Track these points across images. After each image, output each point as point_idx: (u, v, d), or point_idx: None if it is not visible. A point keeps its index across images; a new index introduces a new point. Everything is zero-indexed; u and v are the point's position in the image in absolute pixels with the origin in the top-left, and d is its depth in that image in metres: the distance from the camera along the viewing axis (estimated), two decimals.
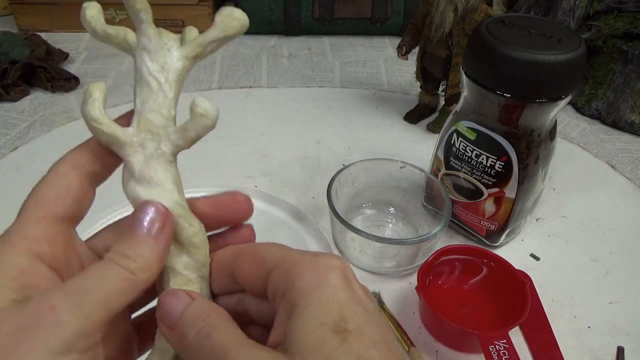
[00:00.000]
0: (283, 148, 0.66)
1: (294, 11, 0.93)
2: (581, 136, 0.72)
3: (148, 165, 0.23)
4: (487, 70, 0.44)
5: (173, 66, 0.24)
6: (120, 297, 0.20)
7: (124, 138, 0.23)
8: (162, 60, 0.23)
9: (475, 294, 0.47)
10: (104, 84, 0.23)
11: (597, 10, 0.74)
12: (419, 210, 0.54)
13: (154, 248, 0.21)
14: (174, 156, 0.24)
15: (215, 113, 0.23)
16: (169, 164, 0.23)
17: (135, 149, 0.23)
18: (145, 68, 0.23)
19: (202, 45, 0.24)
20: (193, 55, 0.24)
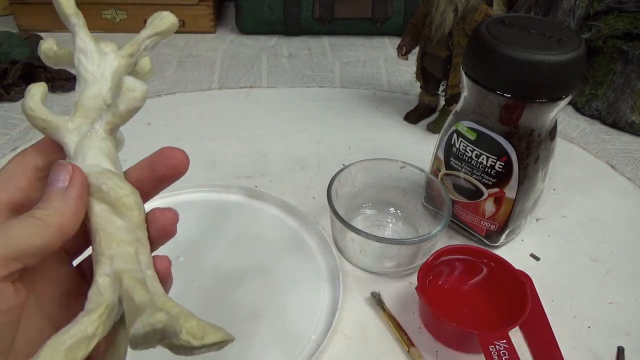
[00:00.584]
0: (283, 148, 0.66)
1: (294, 11, 0.93)
2: (581, 136, 0.72)
3: (81, 144, 0.24)
4: (487, 70, 0.44)
5: (109, 64, 0.26)
6: (28, 242, 0.21)
7: (58, 122, 0.25)
8: (98, 60, 0.26)
9: (475, 294, 0.47)
10: (44, 84, 0.26)
11: (597, 10, 0.74)
12: (419, 210, 0.54)
13: (64, 197, 0.23)
14: (107, 133, 0.25)
15: (142, 87, 0.24)
16: (103, 140, 0.25)
17: (71, 131, 0.25)
18: (82, 67, 0.26)
19: (136, 43, 0.26)
20: (128, 54, 0.26)
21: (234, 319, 0.45)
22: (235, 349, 0.42)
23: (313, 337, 0.43)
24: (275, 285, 0.48)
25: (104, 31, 0.93)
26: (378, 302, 0.46)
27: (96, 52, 0.26)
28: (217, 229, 0.53)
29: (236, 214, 0.55)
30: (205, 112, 0.73)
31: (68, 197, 0.23)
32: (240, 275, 0.48)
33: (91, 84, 0.25)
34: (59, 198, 0.23)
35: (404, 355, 0.43)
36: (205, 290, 0.47)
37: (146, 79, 0.29)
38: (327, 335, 0.42)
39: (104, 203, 0.24)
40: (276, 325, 0.44)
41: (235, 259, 0.50)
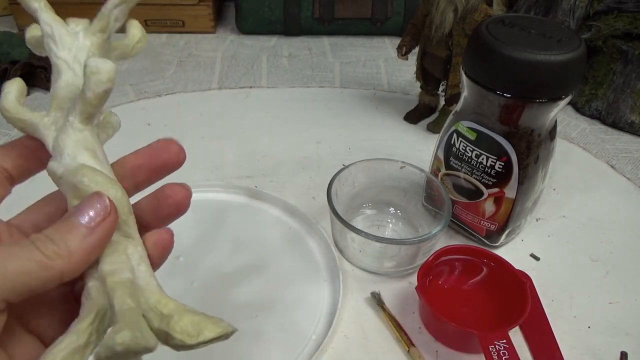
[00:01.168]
0: (283, 148, 0.66)
1: (294, 11, 0.93)
2: (581, 136, 0.72)
3: (58, 139, 0.23)
4: (487, 70, 0.44)
5: (81, 45, 0.24)
6: (23, 278, 0.19)
7: (34, 119, 0.23)
8: (69, 43, 0.23)
9: (475, 294, 0.47)
10: (20, 79, 0.24)
11: (597, 10, 0.74)
12: (419, 210, 0.54)
13: (84, 239, 0.20)
14: (83, 124, 0.23)
15: (106, 68, 0.21)
16: (80, 132, 0.23)
17: (49, 126, 0.23)
18: (53, 54, 0.23)
19: (104, 16, 0.24)
20: (98, 29, 0.24)
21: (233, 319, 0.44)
22: (235, 349, 0.42)
23: (313, 337, 0.43)
24: (275, 285, 0.48)
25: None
26: (378, 302, 0.46)
27: (66, 35, 0.23)
28: (217, 229, 0.53)
29: (236, 214, 0.55)
30: (205, 112, 0.73)
31: (87, 243, 0.20)
32: (240, 276, 0.48)
33: (64, 72, 0.23)
34: (79, 239, 0.20)
35: (404, 355, 0.43)
36: (205, 290, 0.47)
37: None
38: (327, 335, 0.42)
39: None
40: (276, 325, 0.44)
41: (235, 259, 0.50)
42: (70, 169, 0.22)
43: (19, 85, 0.24)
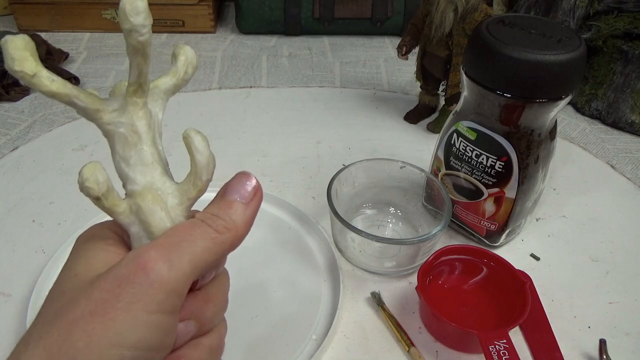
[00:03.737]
0: (283, 148, 0.66)
1: (294, 11, 0.93)
2: (581, 136, 0.72)
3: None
4: (487, 70, 0.44)
5: (154, 121, 0.24)
6: (206, 256, 0.21)
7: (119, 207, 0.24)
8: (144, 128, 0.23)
9: (475, 294, 0.47)
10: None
11: (597, 10, 0.74)
12: (419, 210, 0.54)
13: (243, 212, 0.23)
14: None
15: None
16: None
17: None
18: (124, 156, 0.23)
19: (167, 94, 0.25)
20: (162, 107, 0.25)
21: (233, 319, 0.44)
22: (235, 349, 0.42)
23: (313, 337, 0.43)
24: (275, 285, 0.48)
25: (103, 31, 0.93)
26: (378, 302, 0.46)
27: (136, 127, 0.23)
28: None
29: None
30: (205, 112, 0.73)
31: (247, 215, 0.23)
32: (240, 276, 0.48)
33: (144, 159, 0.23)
34: (241, 213, 0.23)
35: (404, 355, 0.43)
36: None
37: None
38: (327, 335, 0.42)
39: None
40: (276, 325, 0.44)
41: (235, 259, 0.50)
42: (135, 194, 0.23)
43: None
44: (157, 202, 0.22)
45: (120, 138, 0.22)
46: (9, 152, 0.64)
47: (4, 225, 0.53)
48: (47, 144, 0.65)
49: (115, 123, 0.22)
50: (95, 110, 0.22)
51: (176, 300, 0.20)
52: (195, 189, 0.23)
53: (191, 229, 0.22)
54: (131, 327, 0.19)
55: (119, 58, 0.86)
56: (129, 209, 0.22)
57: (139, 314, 0.19)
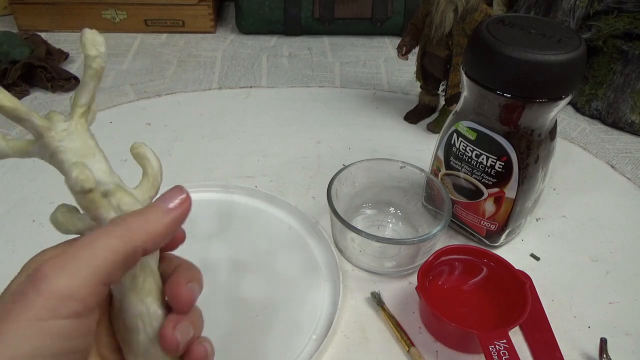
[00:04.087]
0: (283, 148, 0.66)
1: (294, 11, 0.93)
2: (581, 136, 0.72)
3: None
4: (487, 70, 0.44)
5: (73, 129, 0.24)
6: (112, 258, 0.21)
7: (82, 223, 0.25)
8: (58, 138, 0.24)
9: (475, 294, 0.47)
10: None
11: (597, 10, 0.74)
12: (419, 210, 0.54)
13: (163, 216, 0.23)
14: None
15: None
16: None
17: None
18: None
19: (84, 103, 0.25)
20: (80, 114, 0.25)
21: (234, 319, 0.45)
22: (236, 349, 0.42)
23: (313, 337, 0.43)
24: (275, 285, 0.48)
25: (104, 31, 0.93)
26: (378, 302, 0.46)
27: (50, 132, 0.24)
28: (217, 229, 0.53)
29: (236, 214, 0.55)
30: (205, 112, 0.73)
31: (166, 219, 0.23)
32: (240, 275, 0.48)
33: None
34: (159, 215, 0.23)
35: (404, 355, 0.43)
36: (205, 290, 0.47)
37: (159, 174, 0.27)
38: (327, 335, 0.42)
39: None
40: (276, 325, 0.44)
41: (235, 259, 0.50)
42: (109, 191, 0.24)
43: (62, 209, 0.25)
44: (133, 197, 0.24)
45: (75, 152, 0.23)
46: None
47: (4, 225, 0.53)
48: None
49: (65, 139, 0.24)
50: (47, 129, 0.23)
51: (76, 304, 0.20)
52: (154, 189, 0.26)
53: (96, 235, 0.21)
54: (22, 337, 0.19)
55: (119, 58, 0.86)
56: (109, 204, 0.23)
57: (30, 324, 0.19)
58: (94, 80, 0.24)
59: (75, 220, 0.25)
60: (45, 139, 0.23)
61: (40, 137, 0.23)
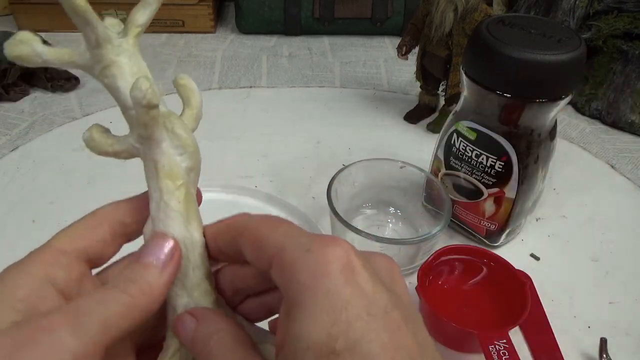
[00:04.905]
0: (283, 148, 0.66)
1: (294, 11, 0.93)
2: (581, 136, 0.72)
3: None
4: (487, 70, 0.44)
5: (127, 47, 0.24)
6: (119, 321, 0.20)
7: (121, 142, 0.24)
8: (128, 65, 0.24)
9: (475, 294, 0.47)
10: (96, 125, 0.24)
11: (597, 10, 0.74)
12: (419, 210, 0.54)
13: (159, 276, 0.22)
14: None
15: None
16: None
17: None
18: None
19: (139, 24, 0.24)
20: (135, 34, 0.24)
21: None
22: None
23: None
24: None
25: None
26: None
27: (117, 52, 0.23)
28: None
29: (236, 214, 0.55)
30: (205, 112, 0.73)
31: (164, 277, 0.22)
32: None
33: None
34: (155, 275, 0.22)
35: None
36: None
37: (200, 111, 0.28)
38: None
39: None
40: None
41: None
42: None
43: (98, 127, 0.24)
44: (184, 123, 0.25)
45: (130, 69, 0.23)
46: (9, 152, 0.64)
47: (4, 225, 0.53)
48: (47, 144, 0.65)
49: (122, 55, 0.23)
50: (107, 40, 0.23)
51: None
52: (196, 122, 0.27)
53: (104, 294, 0.21)
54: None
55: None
56: (164, 126, 0.24)
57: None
58: (157, 2, 0.24)
59: (112, 140, 0.24)
60: (102, 50, 0.23)
61: (98, 47, 0.23)
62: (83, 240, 0.22)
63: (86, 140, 0.24)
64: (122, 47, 0.23)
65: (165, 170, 0.23)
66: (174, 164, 0.24)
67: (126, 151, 0.24)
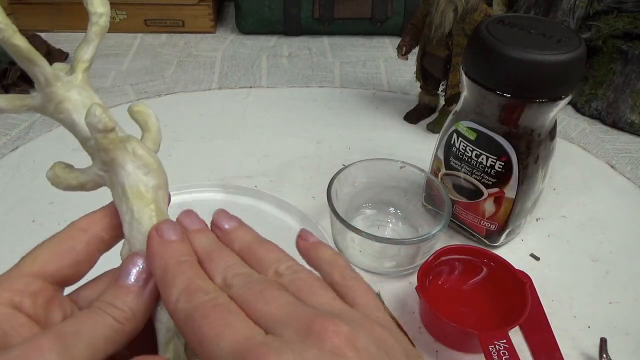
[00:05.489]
0: (283, 148, 0.66)
1: (294, 11, 0.93)
2: (581, 136, 0.72)
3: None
4: (487, 70, 0.44)
5: (77, 82, 0.25)
6: (105, 345, 0.20)
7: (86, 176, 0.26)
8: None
9: (475, 294, 0.47)
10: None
11: (597, 10, 0.74)
12: (419, 210, 0.54)
13: (139, 298, 0.22)
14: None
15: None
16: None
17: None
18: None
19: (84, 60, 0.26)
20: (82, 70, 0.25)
21: None
22: None
23: None
24: None
25: None
26: None
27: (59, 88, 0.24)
28: None
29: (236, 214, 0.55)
30: (205, 112, 0.73)
31: (144, 299, 0.22)
32: None
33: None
34: (136, 299, 0.22)
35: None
36: None
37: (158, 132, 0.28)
38: None
39: None
40: None
41: None
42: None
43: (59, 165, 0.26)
44: (145, 145, 0.25)
45: (82, 102, 0.24)
46: (9, 152, 0.64)
47: (4, 225, 0.53)
48: (47, 144, 0.65)
49: (72, 90, 0.24)
50: (56, 78, 0.24)
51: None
52: (156, 145, 0.27)
53: (90, 318, 0.21)
54: None
55: (118, 58, 0.86)
56: (125, 148, 0.24)
57: None
58: (98, 37, 0.25)
59: (76, 174, 0.25)
60: (53, 88, 0.24)
61: (48, 86, 0.24)
62: (55, 262, 0.22)
63: (50, 178, 0.25)
64: (71, 83, 0.24)
65: (134, 191, 0.24)
66: (141, 183, 0.24)
67: (92, 181, 0.25)
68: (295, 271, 0.23)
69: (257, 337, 0.18)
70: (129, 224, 0.23)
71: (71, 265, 0.23)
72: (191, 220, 0.25)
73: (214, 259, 0.23)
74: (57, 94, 0.24)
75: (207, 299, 0.20)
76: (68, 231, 0.23)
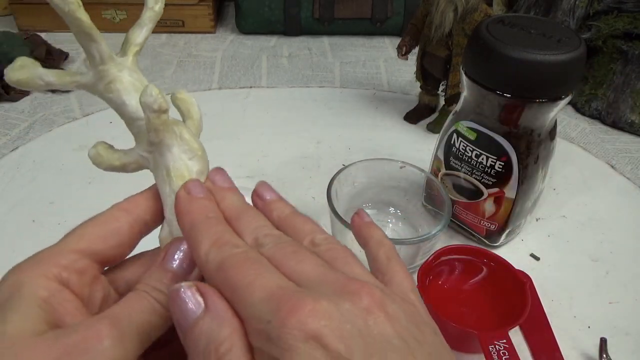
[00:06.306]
0: (283, 148, 0.66)
1: (294, 11, 0.93)
2: (581, 136, 0.72)
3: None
4: (487, 70, 0.44)
5: (127, 64, 0.25)
6: (152, 331, 0.20)
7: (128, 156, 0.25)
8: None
9: (475, 294, 0.47)
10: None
11: (597, 10, 0.74)
12: (419, 210, 0.54)
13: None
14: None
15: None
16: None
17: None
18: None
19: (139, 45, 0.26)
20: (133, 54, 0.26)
21: None
22: None
23: None
24: None
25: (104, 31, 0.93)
26: None
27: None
28: None
29: None
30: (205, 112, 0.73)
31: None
32: None
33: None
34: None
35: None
36: None
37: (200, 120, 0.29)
38: None
39: None
40: None
41: None
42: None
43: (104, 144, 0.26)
44: (190, 131, 0.25)
45: (133, 84, 0.24)
46: (9, 152, 0.64)
47: (4, 225, 0.53)
48: (47, 144, 0.65)
49: (124, 71, 0.25)
50: (110, 57, 0.24)
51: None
52: (197, 131, 0.28)
53: (139, 302, 0.20)
54: None
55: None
56: (173, 131, 0.24)
57: None
58: (152, 22, 0.26)
59: (119, 154, 0.25)
60: (106, 66, 0.24)
61: (102, 64, 0.24)
62: (101, 242, 0.22)
63: (93, 157, 0.25)
64: (123, 64, 0.24)
65: (178, 174, 0.24)
66: (186, 168, 0.24)
67: (135, 162, 0.25)
68: (331, 242, 0.23)
69: (290, 287, 0.18)
70: (171, 208, 0.23)
71: (115, 246, 0.22)
72: (223, 178, 0.26)
73: (245, 218, 0.23)
74: (110, 73, 0.24)
75: (239, 251, 0.20)
76: (111, 212, 0.23)
